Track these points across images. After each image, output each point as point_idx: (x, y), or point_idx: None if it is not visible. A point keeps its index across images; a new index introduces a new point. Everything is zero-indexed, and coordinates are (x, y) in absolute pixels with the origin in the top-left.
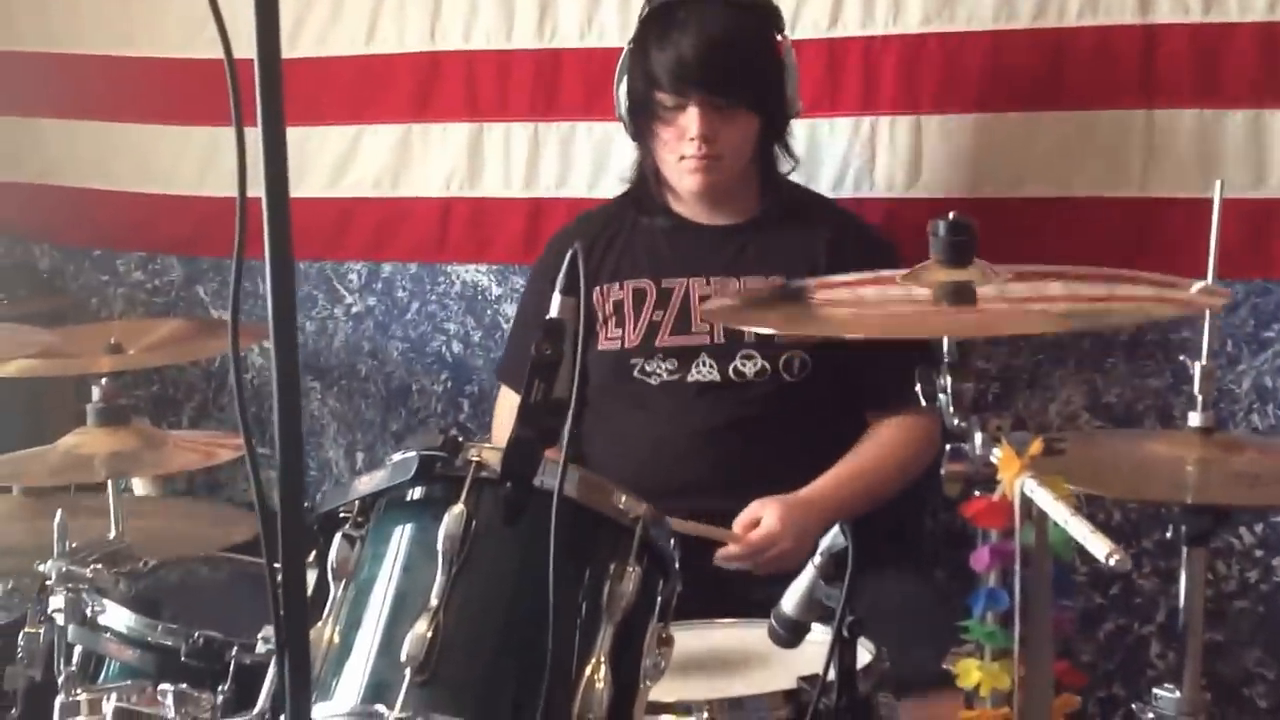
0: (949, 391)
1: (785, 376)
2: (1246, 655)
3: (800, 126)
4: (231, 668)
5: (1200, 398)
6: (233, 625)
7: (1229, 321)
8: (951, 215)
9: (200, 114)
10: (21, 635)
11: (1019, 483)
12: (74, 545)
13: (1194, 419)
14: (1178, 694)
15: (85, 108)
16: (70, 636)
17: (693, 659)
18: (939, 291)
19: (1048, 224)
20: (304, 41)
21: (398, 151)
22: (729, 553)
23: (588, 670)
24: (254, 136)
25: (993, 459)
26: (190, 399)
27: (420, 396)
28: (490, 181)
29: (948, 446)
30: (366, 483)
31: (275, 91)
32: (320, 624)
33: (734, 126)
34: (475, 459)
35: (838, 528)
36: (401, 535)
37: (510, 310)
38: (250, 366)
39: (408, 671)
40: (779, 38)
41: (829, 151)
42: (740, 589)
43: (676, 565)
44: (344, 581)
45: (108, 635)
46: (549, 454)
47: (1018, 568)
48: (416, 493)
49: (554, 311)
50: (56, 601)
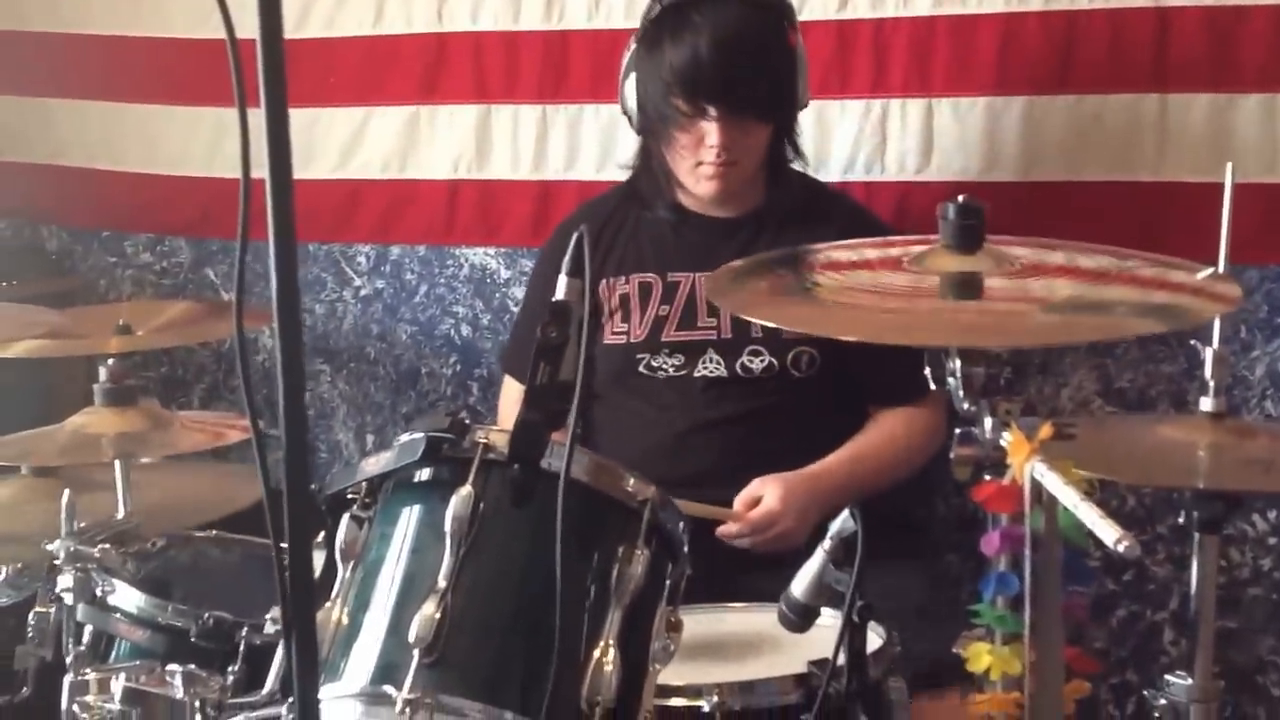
0: (958, 375)
1: (793, 372)
2: (1260, 643)
3: (810, 109)
4: (241, 648)
5: (1212, 383)
6: (243, 606)
7: (1243, 308)
8: (961, 198)
9: (208, 95)
10: (32, 615)
11: (1029, 467)
12: (82, 525)
13: (1206, 404)
14: (1190, 681)
15: (93, 88)
16: (80, 616)
17: (704, 643)
18: (944, 285)
19: (1060, 208)
20: (312, 23)
21: (406, 133)
22: (728, 530)
23: (596, 652)
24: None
25: (1002, 443)
26: (200, 380)
27: (430, 379)
28: (498, 164)
29: (957, 430)
30: (374, 464)
31: (278, 72)
32: (329, 605)
33: (751, 133)
34: (483, 441)
35: (847, 512)
36: (409, 517)
37: (519, 293)
38: (261, 349)
39: (416, 653)
40: (791, 33)
41: (840, 134)
42: (752, 574)
43: (685, 549)
44: (352, 563)
45: (118, 615)
46: (556, 437)
47: (1028, 552)
48: (424, 474)
49: (560, 294)
50: (65, 581)
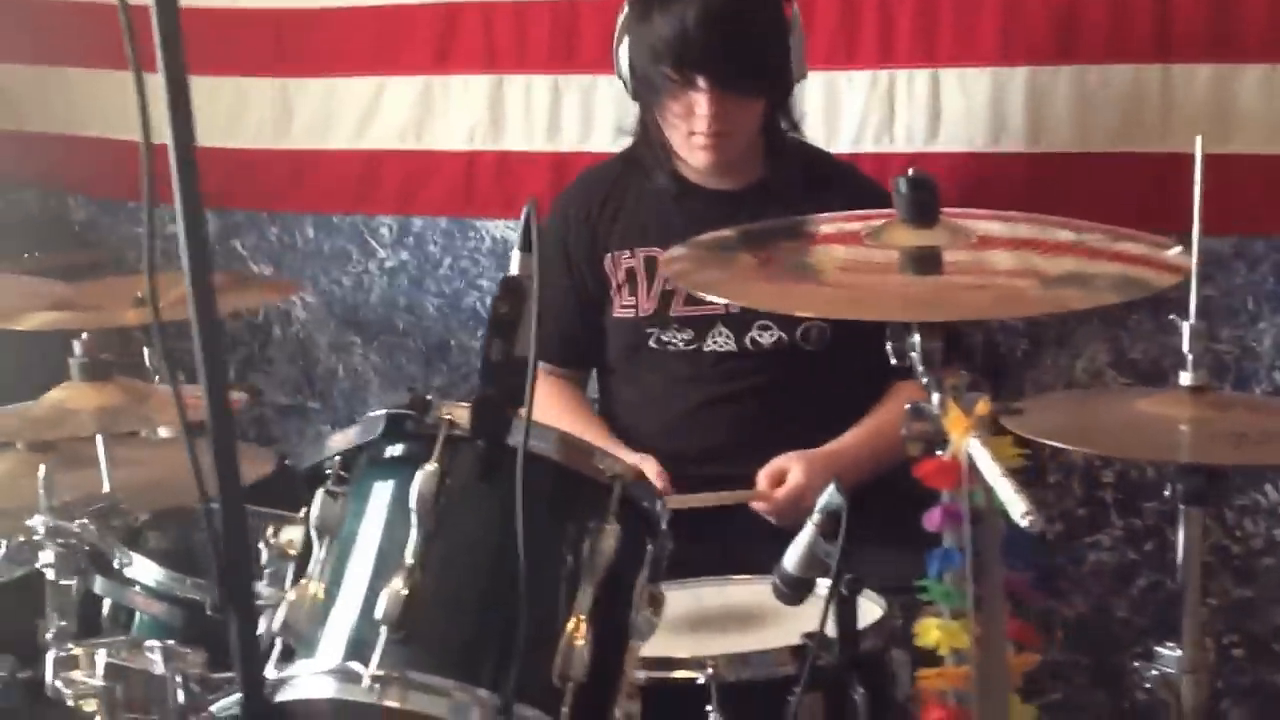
0: (919, 350)
1: (803, 346)
2: (1276, 611)
3: (818, 80)
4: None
5: (1190, 357)
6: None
7: (1250, 278)
8: (912, 171)
9: (227, 65)
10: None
11: (964, 443)
12: (66, 500)
13: (1185, 378)
14: (1179, 652)
15: (116, 58)
16: (98, 588)
17: (705, 615)
18: (903, 260)
19: (1066, 178)
20: None
21: (420, 103)
22: (760, 507)
23: (569, 628)
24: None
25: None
26: (234, 351)
27: (459, 352)
28: (513, 135)
29: (907, 406)
30: (340, 440)
31: (175, 38)
32: (304, 580)
33: (742, 105)
34: (447, 417)
35: (833, 486)
36: (380, 493)
37: None
38: (294, 320)
39: (384, 629)
40: (785, 3)
41: (848, 105)
42: (763, 544)
43: (664, 524)
44: (327, 538)
45: (135, 588)
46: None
47: (966, 528)
48: (395, 451)
49: (512, 269)
50: (45, 556)
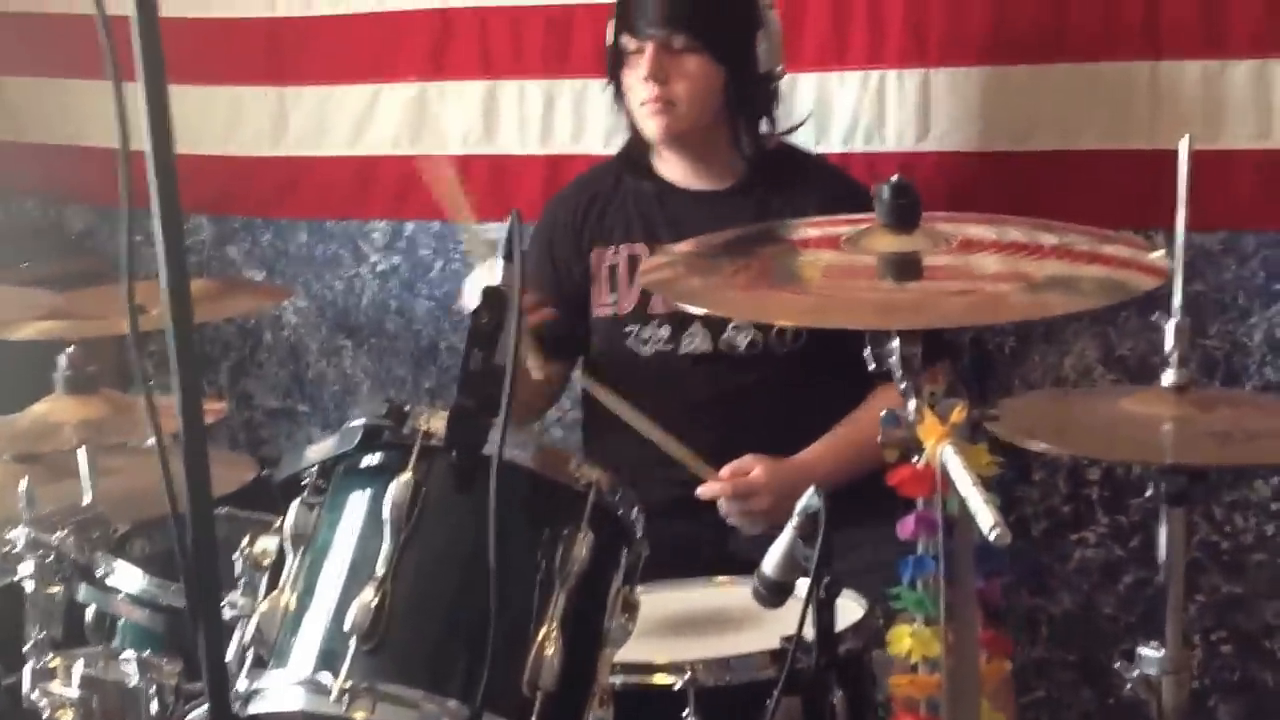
0: (898, 355)
1: (778, 348)
2: (1266, 608)
3: (809, 81)
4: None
5: (1174, 356)
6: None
7: (1239, 274)
8: (895, 178)
9: (223, 74)
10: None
11: (939, 450)
12: (48, 510)
13: (1168, 377)
14: (1161, 652)
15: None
16: (82, 596)
17: (685, 618)
18: (882, 266)
19: (1057, 177)
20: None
21: (415, 109)
22: (709, 489)
23: (539, 636)
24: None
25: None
26: (226, 356)
27: (449, 354)
28: (506, 139)
29: (883, 412)
30: (317, 450)
31: (154, 46)
32: (276, 591)
33: (688, 71)
34: (423, 427)
35: (813, 489)
36: (355, 503)
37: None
38: (285, 325)
39: (354, 640)
40: None
41: (839, 106)
42: (741, 545)
43: (640, 532)
44: (301, 548)
45: (119, 595)
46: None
47: (940, 536)
48: (371, 461)
49: (496, 278)
50: (26, 568)
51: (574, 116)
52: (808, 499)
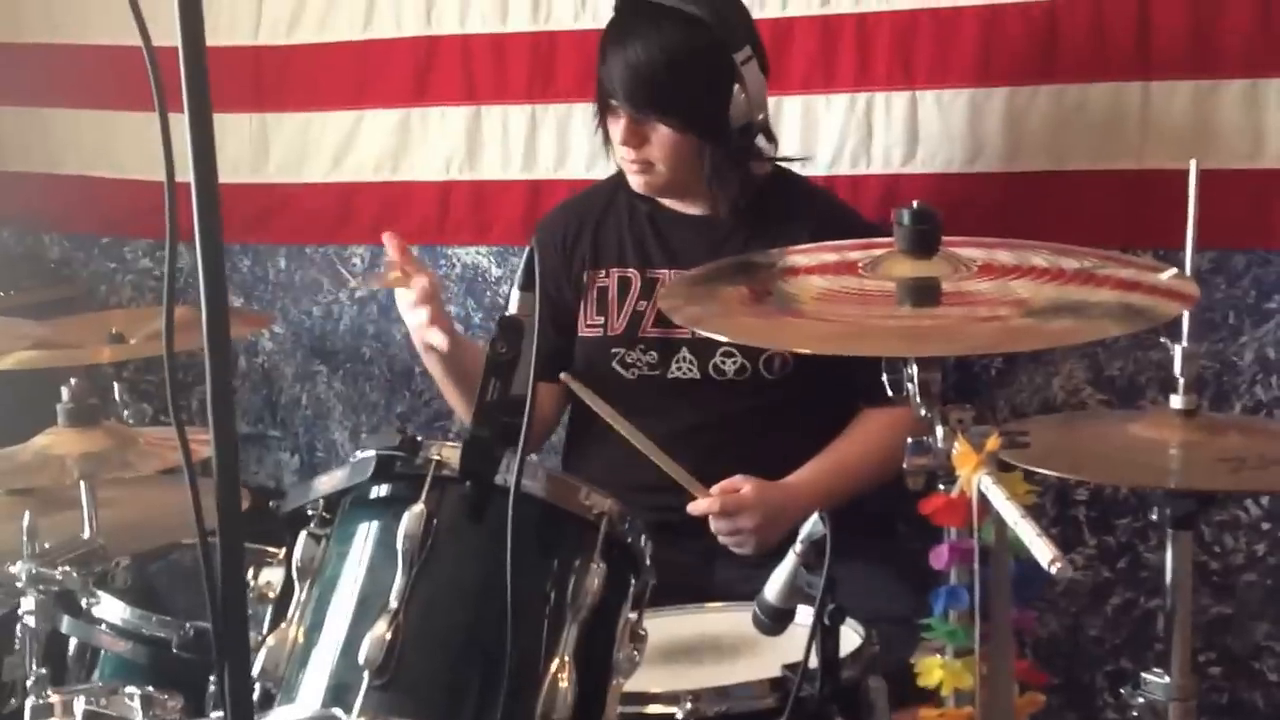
0: (915, 382)
1: (765, 375)
2: (1256, 628)
3: (796, 104)
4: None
5: (1182, 380)
6: None
7: (1230, 293)
8: (915, 204)
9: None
10: (19, 626)
11: (975, 479)
12: (47, 546)
13: (1176, 401)
14: (1167, 679)
15: (90, 97)
16: (65, 628)
17: (682, 645)
18: (901, 292)
19: (1044, 198)
20: (303, 28)
21: (397, 135)
22: (698, 505)
23: (552, 668)
24: (241, 123)
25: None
26: (201, 383)
27: (423, 379)
28: (489, 164)
29: (909, 440)
30: (327, 482)
31: (200, 77)
32: (285, 624)
33: (659, 139)
34: (435, 458)
35: (817, 515)
36: (364, 534)
37: (510, 291)
38: (260, 351)
39: (366, 674)
40: (732, 55)
41: (825, 128)
42: (733, 572)
43: (648, 560)
44: (309, 581)
45: (102, 627)
46: None
47: (976, 566)
48: (380, 491)
49: (511, 308)
50: (27, 604)
51: (557, 142)
52: (811, 525)
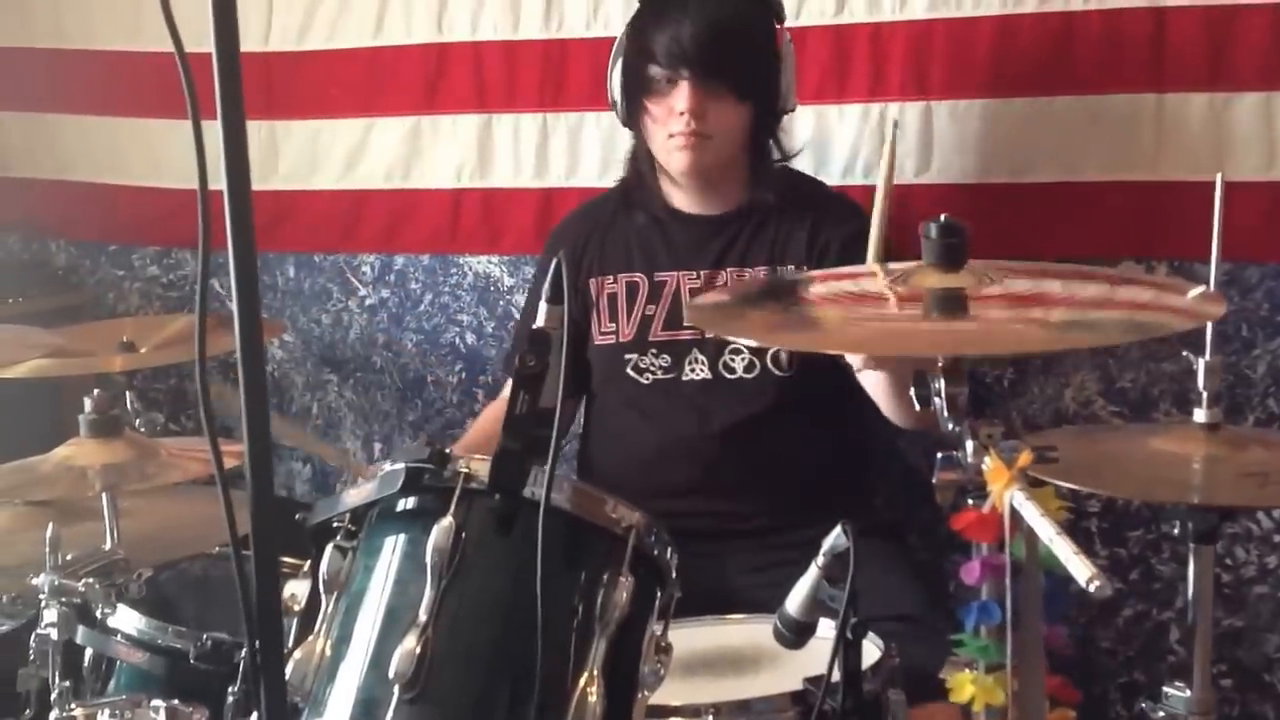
0: (943, 396)
1: (775, 370)
2: (1267, 641)
3: (809, 113)
4: (241, 669)
5: (1205, 394)
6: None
7: (1244, 305)
8: (943, 217)
9: (213, 108)
10: (34, 636)
11: (1008, 495)
12: (69, 558)
13: (1200, 415)
14: (1188, 693)
15: (98, 104)
16: (80, 639)
17: (701, 658)
18: (929, 301)
19: (1058, 209)
20: (314, 35)
21: (408, 143)
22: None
23: (581, 682)
24: (250, 130)
25: (984, 468)
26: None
27: (435, 388)
28: (500, 172)
29: (939, 454)
30: (355, 495)
31: (234, 85)
32: (312, 637)
33: (723, 109)
34: (464, 470)
35: (840, 528)
36: (392, 548)
37: (522, 300)
38: (270, 359)
39: (396, 688)
40: (779, 29)
41: (839, 138)
42: (752, 585)
43: (674, 573)
44: (336, 594)
45: (118, 638)
46: None
47: (1008, 582)
48: (407, 504)
49: (539, 321)
50: (50, 615)
51: (569, 150)
52: (834, 538)
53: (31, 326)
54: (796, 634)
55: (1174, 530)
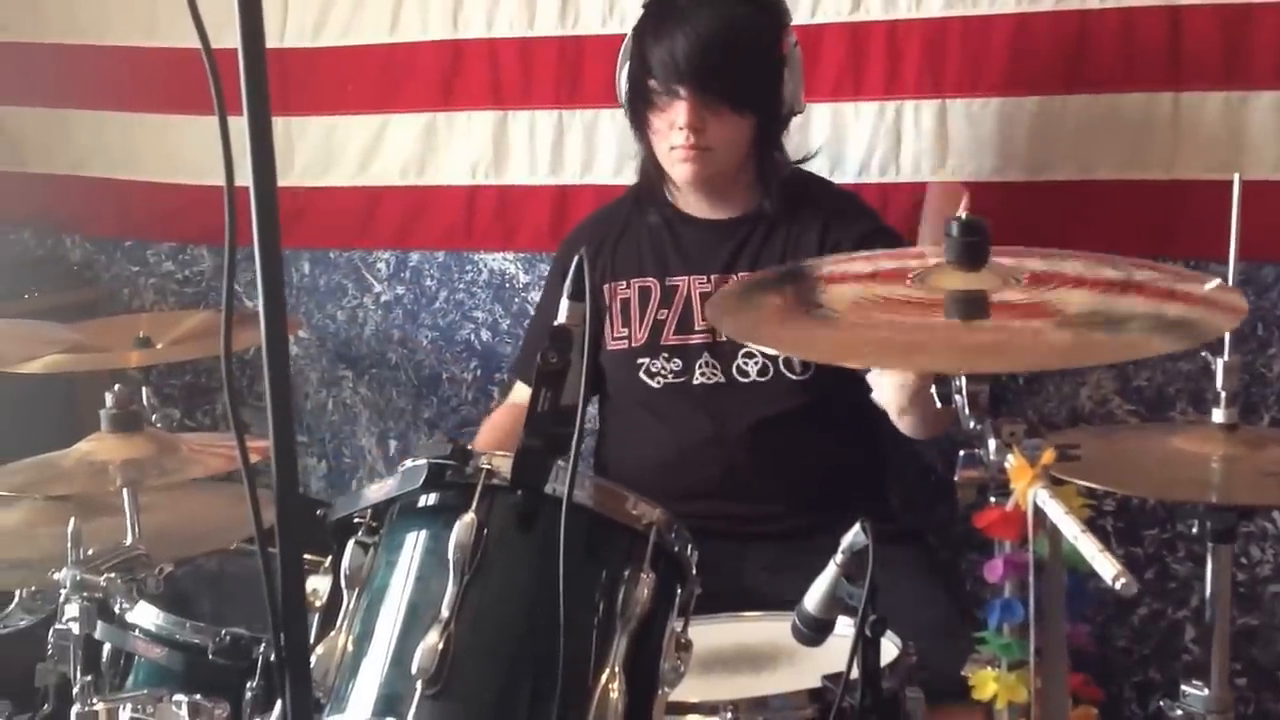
0: (964, 394)
1: (788, 374)
2: None
3: (825, 111)
4: (260, 664)
5: (1224, 394)
6: (263, 621)
7: (1259, 305)
8: (964, 214)
9: (229, 105)
10: (52, 631)
11: (1031, 493)
12: (90, 552)
13: (1218, 415)
14: (1206, 691)
15: (113, 99)
16: (99, 634)
17: (720, 656)
18: (950, 305)
19: (1073, 208)
20: (329, 31)
21: (423, 139)
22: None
23: (602, 679)
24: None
25: (1006, 466)
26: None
27: (450, 385)
28: (515, 169)
29: (961, 453)
30: (377, 490)
31: (260, 80)
32: (334, 633)
33: (723, 122)
34: (486, 466)
35: (859, 525)
36: (414, 543)
37: (537, 297)
38: None
39: (419, 684)
40: (784, 33)
41: (854, 136)
42: (771, 582)
43: (694, 570)
44: (358, 589)
45: (136, 633)
46: None
47: (1031, 580)
48: (429, 500)
49: (561, 318)
50: (71, 610)
51: (584, 147)
52: (853, 536)
53: (47, 322)
54: (815, 631)
55: (1190, 529)
